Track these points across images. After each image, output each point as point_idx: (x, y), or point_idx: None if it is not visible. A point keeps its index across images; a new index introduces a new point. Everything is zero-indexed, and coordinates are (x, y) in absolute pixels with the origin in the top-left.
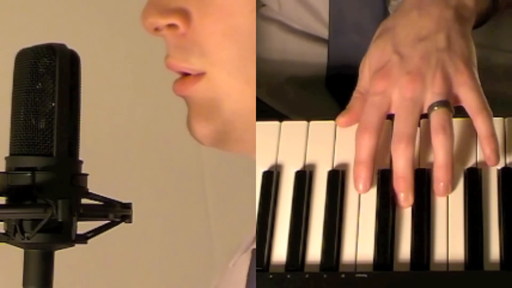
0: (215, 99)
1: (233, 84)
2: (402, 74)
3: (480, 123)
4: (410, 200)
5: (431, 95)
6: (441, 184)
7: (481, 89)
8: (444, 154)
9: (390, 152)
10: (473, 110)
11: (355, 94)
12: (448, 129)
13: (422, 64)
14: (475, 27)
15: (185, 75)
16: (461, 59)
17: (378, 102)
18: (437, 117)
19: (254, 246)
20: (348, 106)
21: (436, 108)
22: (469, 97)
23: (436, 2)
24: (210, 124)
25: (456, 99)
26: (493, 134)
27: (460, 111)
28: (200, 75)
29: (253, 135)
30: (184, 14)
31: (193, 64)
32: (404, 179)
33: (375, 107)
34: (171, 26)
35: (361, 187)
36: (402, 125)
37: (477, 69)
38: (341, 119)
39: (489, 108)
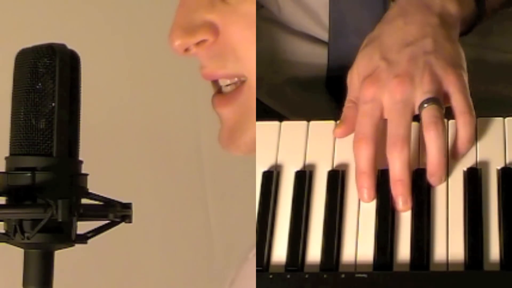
0: (252, 108)
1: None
2: (391, 78)
3: (461, 126)
4: (409, 203)
5: (421, 94)
6: (434, 177)
7: (468, 91)
8: (436, 150)
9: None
10: (457, 111)
11: (347, 104)
12: (439, 124)
13: (410, 67)
14: (464, 33)
15: (219, 87)
16: (448, 61)
17: (370, 110)
18: (427, 114)
19: None
20: (342, 117)
21: (426, 105)
22: (456, 97)
23: (420, 10)
24: (247, 135)
25: (446, 97)
26: (471, 140)
27: None
28: (241, 85)
29: None
30: (210, 26)
31: (230, 69)
32: (401, 182)
33: (367, 115)
34: (200, 42)
35: (366, 196)
36: (395, 128)
37: (466, 72)
38: (337, 130)
39: (473, 112)
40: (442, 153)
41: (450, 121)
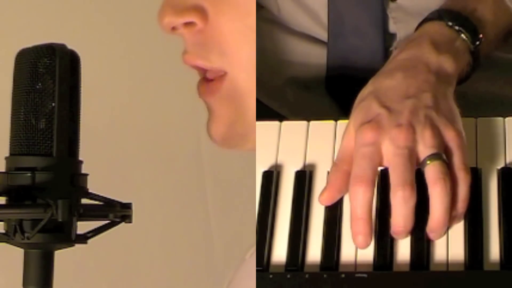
0: (238, 101)
1: (253, 85)
2: (393, 126)
3: (461, 182)
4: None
5: (424, 148)
6: (434, 234)
7: (466, 148)
8: (442, 209)
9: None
10: (456, 168)
11: (332, 168)
12: (447, 181)
13: (412, 118)
14: (460, 83)
15: (204, 74)
16: (447, 117)
17: (370, 153)
18: (434, 170)
19: None
20: (327, 182)
21: (429, 162)
22: (456, 154)
23: (418, 67)
24: (234, 128)
25: (446, 152)
26: (468, 197)
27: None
28: (222, 76)
29: None
30: (201, 11)
31: (213, 62)
32: (404, 229)
33: (366, 157)
34: (188, 24)
35: (362, 243)
36: (401, 172)
37: (463, 130)
38: (322, 197)
39: (469, 171)
40: (447, 211)
41: None
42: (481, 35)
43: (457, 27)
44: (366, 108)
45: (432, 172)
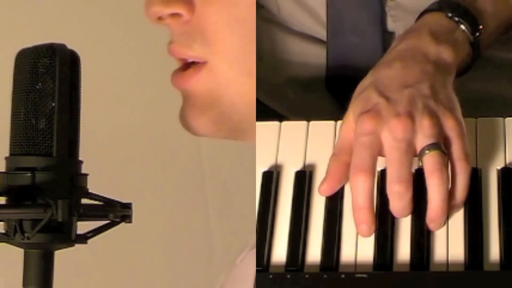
0: (214, 90)
1: (233, 76)
2: (391, 115)
3: (460, 172)
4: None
5: (422, 138)
6: (433, 224)
7: (466, 137)
8: (440, 198)
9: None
10: (456, 157)
11: (331, 157)
12: (444, 172)
13: (411, 107)
14: (461, 74)
15: (184, 66)
16: (446, 106)
17: (369, 143)
18: (431, 160)
19: None
20: (327, 172)
21: (427, 151)
22: (456, 144)
23: (417, 57)
24: (207, 116)
25: (445, 142)
26: (467, 187)
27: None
28: (200, 65)
29: (249, 125)
30: (188, 3)
31: (195, 51)
32: (402, 215)
33: (366, 147)
34: (175, 15)
35: (366, 231)
36: (397, 168)
37: (462, 118)
38: (322, 187)
39: (469, 160)
40: (445, 201)
41: None
42: (481, 26)
43: (456, 18)
44: (365, 98)
45: (430, 163)
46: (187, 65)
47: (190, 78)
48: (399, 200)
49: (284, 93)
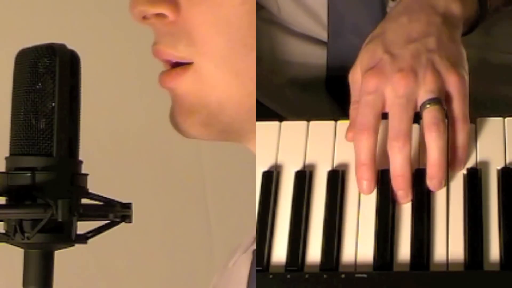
0: (201, 91)
1: (220, 76)
2: (394, 71)
3: (459, 131)
4: (409, 197)
5: (424, 93)
6: (434, 180)
7: (467, 96)
8: (437, 152)
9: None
10: (455, 116)
11: (352, 105)
12: (441, 126)
13: (414, 62)
14: (466, 33)
15: (172, 66)
16: (451, 61)
17: (372, 101)
18: (429, 115)
19: (255, 246)
20: (350, 120)
21: (428, 106)
22: (456, 102)
23: (424, 9)
24: (195, 117)
25: (446, 98)
26: (467, 146)
27: None
28: (187, 66)
29: (239, 126)
30: (173, 3)
31: (180, 52)
32: (402, 177)
33: (369, 106)
34: (160, 15)
35: (366, 188)
36: (397, 123)
37: (467, 73)
38: (349, 134)
39: (468, 119)
40: (444, 155)
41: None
42: None
43: None
44: (371, 52)
45: (428, 117)
46: (173, 65)
47: (177, 77)
48: (398, 153)
49: (284, 94)
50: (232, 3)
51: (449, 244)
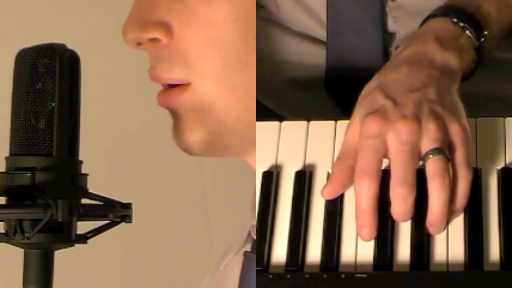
0: (200, 110)
1: (218, 94)
2: (398, 117)
3: (462, 178)
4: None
5: (427, 142)
6: (433, 228)
7: (470, 144)
8: (440, 204)
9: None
10: (458, 164)
11: (336, 161)
12: (446, 178)
13: (417, 111)
14: (465, 79)
15: (170, 86)
16: (452, 112)
17: (375, 146)
18: (434, 165)
19: (246, 248)
20: (330, 176)
21: (431, 156)
22: (459, 150)
23: (424, 63)
24: (196, 135)
25: (449, 147)
26: (467, 194)
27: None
28: (185, 86)
29: (240, 141)
30: (166, 27)
31: (177, 75)
32: (404, 221)
33: (372, 151)
34: (153, 39)
35: (366, 235)
36: (402, 171)
37: (467, 125)
38: (325, 190)
39: (471, 167)
40: (446, 207)
41: None
42: (485, 32)
43: (462, 24)
44: (371, 101)
45: (433, 167)
46: (171, 86)
47: (175, 97)
48: (401, 202)
49: (283, 94)
50: (224, 22)
51: (449, 244)
